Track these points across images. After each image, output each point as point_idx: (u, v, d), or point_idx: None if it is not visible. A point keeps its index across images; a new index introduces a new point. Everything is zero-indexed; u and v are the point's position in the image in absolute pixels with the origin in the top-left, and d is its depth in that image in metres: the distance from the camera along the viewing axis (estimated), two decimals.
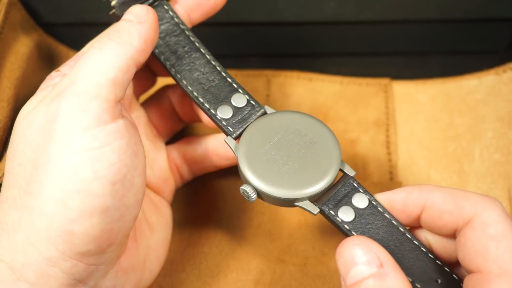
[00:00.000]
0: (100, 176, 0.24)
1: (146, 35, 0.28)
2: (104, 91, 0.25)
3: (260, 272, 0.36)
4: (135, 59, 0.27)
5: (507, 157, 0.40)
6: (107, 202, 0.25)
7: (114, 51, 0.26)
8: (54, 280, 0.25)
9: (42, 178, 0.25)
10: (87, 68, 0.26)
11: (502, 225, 0.25)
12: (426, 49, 0.46)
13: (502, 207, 0.25)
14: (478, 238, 0.25)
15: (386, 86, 0.44)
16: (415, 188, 0.28)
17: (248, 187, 0.28)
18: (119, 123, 0.26)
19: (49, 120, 0.25)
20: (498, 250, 0.24)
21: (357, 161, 0.41)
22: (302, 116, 0.31)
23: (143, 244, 0.32)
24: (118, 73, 0.26)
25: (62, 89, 0.26)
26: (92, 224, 0.25)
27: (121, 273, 0.29)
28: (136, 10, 0.28)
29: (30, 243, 0.25)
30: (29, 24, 0.40)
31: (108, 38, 0.27)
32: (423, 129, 0.42)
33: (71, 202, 0.24)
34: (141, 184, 0.27)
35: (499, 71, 0.43)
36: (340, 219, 0.28)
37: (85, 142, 0.24)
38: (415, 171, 0.41)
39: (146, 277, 0.32)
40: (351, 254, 0.24)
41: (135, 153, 0.26)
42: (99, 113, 0.25)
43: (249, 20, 0.43)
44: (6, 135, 0.34)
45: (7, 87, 0.35)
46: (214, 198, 0.39)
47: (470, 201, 0.26)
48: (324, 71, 0.45)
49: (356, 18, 0.43)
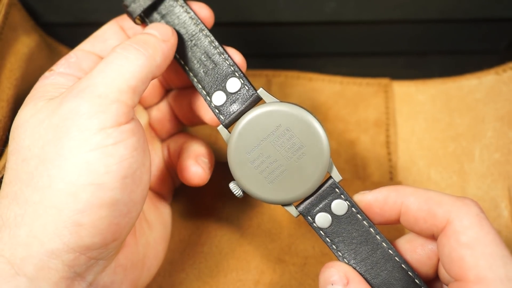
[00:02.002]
0: (112, 170, 0.25)
1: (167, 54, 0.30)
2: (124, 97, 0.27)
3: (260, 272, 0.36)
4: (154, 73, 0.29)
5: (507, 157, 0.40)
6: (117, 196, 0.26)
7: (139, 62, 0.28)
8: (53, 273, 0.25)
9: (51, 172, 0.25)
10: (111, 73, 0.27)
11: (475, 231, 0.24)
12: (426, 49, 0.46)
13: (477, 210, 0.25)
14: (453, 247, 0.25)
15: (386, 86, 0.44)
16: (392, 191, 0.28)
17: (234, 185, 0.30)
18: (132, 124, 0.27)
19: (64, 118, 0.26)
20: (473, 258, 0.24)
21: (357, 161, 0.41)
22: (295, 112, 0.29)
23: (142, 241, 0.32)
24: (138, 82, 0.28)
25: (81, 89, 0.27)
26: (100, 217, 0.25)
27: (120, 269, 0.29)
28: (163, 30, 0.30)
29: (34, 236, 0.25)
30: (29, 24, 0.40)
31: (135, 48, 0.28)
32: (423, 129, 0.42)
33: (82, 194, 0.25)
34: (147, 180, 0.28)
35: (499, 70, 0.43)
36: (316, 225, 0.29)
37: (99, 139, 0.26)
38: (415, 171, 0.41)
39: (145, 274, 0.32)
40: (326, 275, 0.28)
41: (144, 151, 0.28)
42: (117, 115, 0.26)
43: (249, 20, 0.43)
44: (6, 134, 0.34)
45: (7, 87, 0.35)
46: (214, 198, 0.39)
47: (443, 207, 0.26)
48: (324, 71, 0.45)
49: (356, 18, 0.43)
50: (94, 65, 0.31)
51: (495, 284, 0.23)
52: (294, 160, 0.29)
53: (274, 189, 0.29)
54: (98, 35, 0.32)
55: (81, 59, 0.31)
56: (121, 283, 0.29)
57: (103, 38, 0.32)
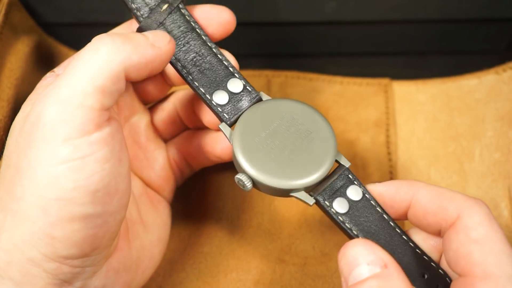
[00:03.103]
0: (80, 186, 0.24)
1: (150, 59, 0.26)
2: (90, 100, 0.24)
3: (260, 272, 0.36)
4: (129, 72, 0.25)
5: (507, 157, 0.39)
6: (88, 210, 0.24)
7: (110, 57, 0.24)
8: (38, 280, 0.25)
9: (24, 183, 0.24)
10: (77, 71, 0.24)
11: (485, 228, 0.24)
12: (426, 49, 0.46)
13: (487, 210, 0.25)
14: (461, 242, 0.25)
15: (386, 86, 0.44)
16: (405, 184, 0.28)
17: (243, 176, 0.28)
18: (104, 131, 0.24)
19: (32, 126, 0.24)
20: (482, 254, 0.24)
21: (357, 161, 0.41)
22: (298, 104, 0.30)
23: (136, 244, 0.31)
24: (107, 82, 0.24)
25: (46, 93, 0.24)
26: (72, 230, 0.24)
27: (112, 272, 0.28)
28: (158, 35, 0.27)
29: (14, 244, 0.24)
30: (29, 24, 0.40)
31: (111, 40, 0.25)
32: (423, 129, 0.42)
33: (51, 209, 0.24)
34: (125, 189, 0.26)
35: (499, 70, 0.43)
36: (334, 210, 0.28)
37: (65, 153, 0.23)
38: (415, 171, 0.41)
39: (139, 277, 0.32)
40: (355, 255, 0.24)
41: (119, 160, 0.25)
42: (83, 124, 0.23)
43: (249, 20, 0.43)
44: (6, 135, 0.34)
45: (7, 87, 0.35)
46: (214, 198, 0.39)
47: (455, 203, 0.26)
48: (324, 71, 0.45)
49: (356, 18, 0.43)
50: None
51: (502, 281, 0.23)
52: (304, 144, 0.28)
53: (286, 175, 0.28)
54: None
55: None
56: (113, 286, 0.29)
57: None
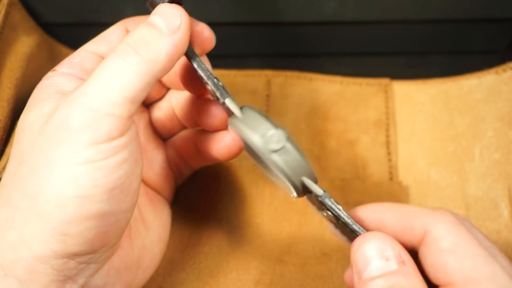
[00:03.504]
0: (99, 184, 0.24)
1: (173, 51, 0.26)
2: (119, 110, 0.25)
3: (260, 272, 0.36)
4: (157, 77, 0.26)
5: (507, 157, 0.40)
6: (104, 207, 0.25)
7: (139, 69, 0.25)
8: (43, 277, 0.25)
9: (40, 181, 0.25)
10: (105, 82, 0.25)
11: (454, 236, 0.24)
12: (426, 49, 0.46)
13: (452, 217, 0.25)
14: (435, 255, 0.25)
15: (386, 86, 0.44)
16: (369, 209, 0.28)
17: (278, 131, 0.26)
18: (126, 135, 0.25)
19: (56, 127, 0.25)
20: (456, 262, 0.24)
21: (357, 161, 0.41)
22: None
23: (138, 243, 0.32)
24: (137, 92, 0.25)
25: (73, 98, 0.25)
26: (87, 228, 0.25)
27: (113, 271, 0.29)
28: (170, 17, 0.26)
29: (22, 241, 0.25)
30: (29, 24, 0.40)
31: (135, 52, 0.25)
32: (423, 129, 0.42)
33: (68, 206, 0.24)
34: (137, 188, 0.27)
35: (499, 70, 0.43)
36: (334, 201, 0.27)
37: (88, 154, 0.24)
38: (415, 171, 0.41)
39: (139, 276, 0.32)
40: (372, 248, 0.24)
41: (135, 161, 0.26)
42: (109, 131, 0.25)
43: (249, 20, 0.43)
44: (6, 135, 0.34)
45: (7, 87, 0.35)
46: (214, 198, 0.39)
47: (419, 219, 0.26)
48: (324, 71, 0.45)
49: (356, 18, 0.43)
50: (97, 66, 0.29)
51: (483, 284, 0.23)
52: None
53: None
54: (104, 36, 0.31)
55: (84, 59, 0.30)
56: (114, 285, 0.29)
57: (108, 40, 0.31)
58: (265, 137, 0.25)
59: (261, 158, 0.27)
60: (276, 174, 0.27)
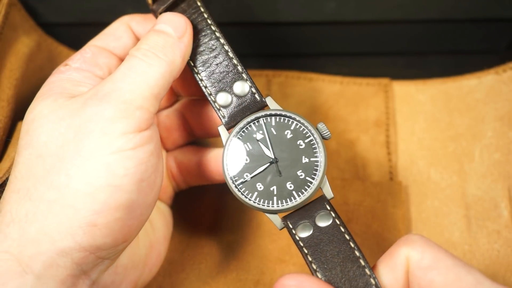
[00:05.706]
0: (130, 173, 0.26)
1: (185, 52, 0.30)
2: (147, 104, 0.28)
3: (260, 272, 0.36)
4: (174, 76, 0.30)
5: (507, 157, 0.40)
6: (133, 198, 0.26)
7: (162, 70, 0.28)
8: (61, 271, 0.25)
9: (70, 172, 0.26)
10: (136, 80, 0.28)
11: (430, 253, 0.25)
12: (426, 49, 0.46)
13: (422, 238, 0.26)
14: (419, 277, 0.25)
15: (386, 86, 0.44)
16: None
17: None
18: (151, 129, 0.28)
19: (87, 120, 0.26)
20: (440, 276, 0.24)
21: (357, 161, 0.41)
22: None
23: (145, 242, 0.32)
24: (160, 89, 0.29)
25: (106, 93, 0.27)
26: (115, 218, 0.26)
27: (121, 269, 0.29)
28: (177, 23, 0.30)
29: (44, 233, 0.25)
30: (29, 24, 0.40)
31: (157, 56, 0.29)
32: (423, 129, 0.42)
33: (100, 195, 0.25)
34: (160, 184, 0.29)
35: (499, 70, 0.43)
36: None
37: (121, 143, 0.26)
38: (415, 171, 0.41)
39: (145, 274, 0.32)
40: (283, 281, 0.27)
41: (158, 156, 0.28)
42: (140, 122, 0.27)
43: (249, 20, 0.43)
44: (6, 135, 0.34)
45: (7, 87, 0.35)
46: (214, 198, 0.39)
47: (398, 251, 0.26)
48: (324, 71, 0.45)
49: (356, 18, 0.43)
50: (110, 62, 0.31)
51: None
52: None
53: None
54: (109, 33, 0.32)
55: (96, 54, 0.31)
56: (121, 282, 0.30)
57: (115, 36, 0.32)
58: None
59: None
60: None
